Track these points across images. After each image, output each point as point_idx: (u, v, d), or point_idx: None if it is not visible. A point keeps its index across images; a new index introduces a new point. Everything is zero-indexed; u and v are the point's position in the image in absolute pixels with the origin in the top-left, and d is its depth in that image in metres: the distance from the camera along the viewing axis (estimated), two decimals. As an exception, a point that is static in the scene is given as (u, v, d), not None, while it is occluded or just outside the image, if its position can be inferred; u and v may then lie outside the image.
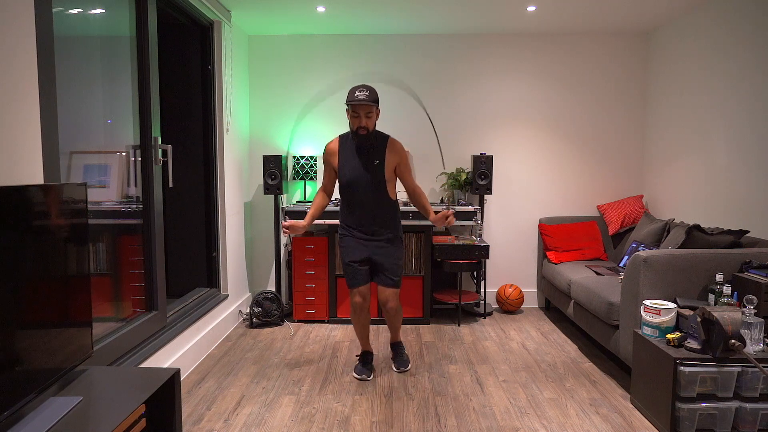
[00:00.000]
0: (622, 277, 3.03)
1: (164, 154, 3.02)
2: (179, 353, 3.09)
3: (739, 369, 2.37)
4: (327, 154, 3.09)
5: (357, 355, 3.44)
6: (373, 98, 2.89)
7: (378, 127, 3.17)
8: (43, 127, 1.91)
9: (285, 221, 3.00)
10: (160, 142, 2.94)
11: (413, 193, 3.08)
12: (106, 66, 2.55)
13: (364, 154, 3.00)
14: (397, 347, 3.34)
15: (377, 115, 2.98)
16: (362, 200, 3.02)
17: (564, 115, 4.61)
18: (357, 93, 2.88)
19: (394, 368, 3.26)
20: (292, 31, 4.48)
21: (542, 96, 4.60)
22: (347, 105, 2.91)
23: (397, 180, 3.43)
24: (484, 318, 4.40)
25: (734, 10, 3.39)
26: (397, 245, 3.10)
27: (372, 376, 3.16)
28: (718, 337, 2.34)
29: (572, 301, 3.73)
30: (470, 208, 4.23)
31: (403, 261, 3.12)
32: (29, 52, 1.84)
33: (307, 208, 4.17)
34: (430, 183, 4.67)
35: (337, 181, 3.12)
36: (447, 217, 2.87)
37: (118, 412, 1.62)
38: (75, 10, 2.31)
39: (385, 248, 3.07)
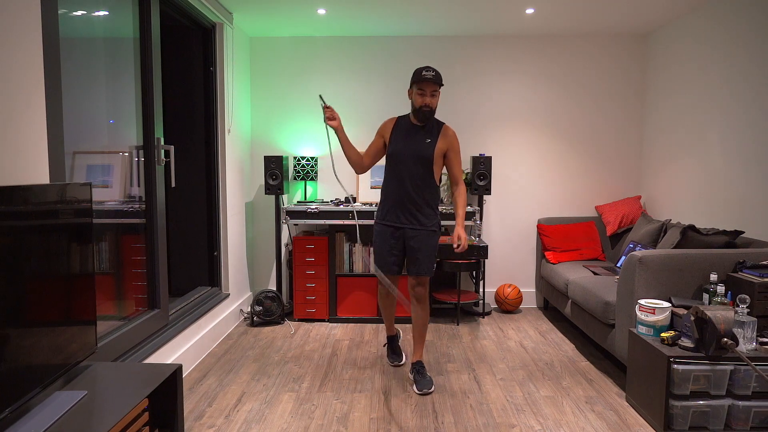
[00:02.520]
0: (618, 277, 3.07)
1: (167, 154, 3.06)
2: (181, 351, 3.14)
3: (732, 367, 2.41)
4: (383, 126, 3.15)
5: (384, 345, 3.55)
6: (439, 80, 2.95)
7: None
8: (49, 127, 1.95)
9: (328, 107, 3.05)
10: (162, 142, 2.98)
11: (456, 186, 3.11)
12: (109, 67, 2.60)
13: (419, 132, 3.06)
14: (419, 367, 3.09)
15: (438, 97, 3.04)
16: (405, 174, 3.03)
17: (562, 116, 4.65)
18: (424, 73, 2.94)
19: (416, 390, 2.98)
20: (293, 33, 4.52)
21: (541, 97, 4.64)
22: (413, 85, 2.97)
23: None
24: (483, 317, 4.44)
25: (732, 12, 3.43)
26: (433, 231, 3.08)
27: (403, 360, 3.37)
28: (711, 336, 2.38)
29: (570, 300, 3.77)
30: (469, 209, 4.26)
31: (436, 250, 3.11)
32: (36, 54, 1.88)
33: (308, 207, 4.21)
34: (430, 183, 4.70)
35: (384, 155, 3.17)
36: (459, 245, 2.94)
37: (122, 406, 1.66)
38: (79, 12, 2.35)
39: (420, 234, 3.05)
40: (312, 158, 4.53)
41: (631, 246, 3.76)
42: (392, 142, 3.08)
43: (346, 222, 4.19)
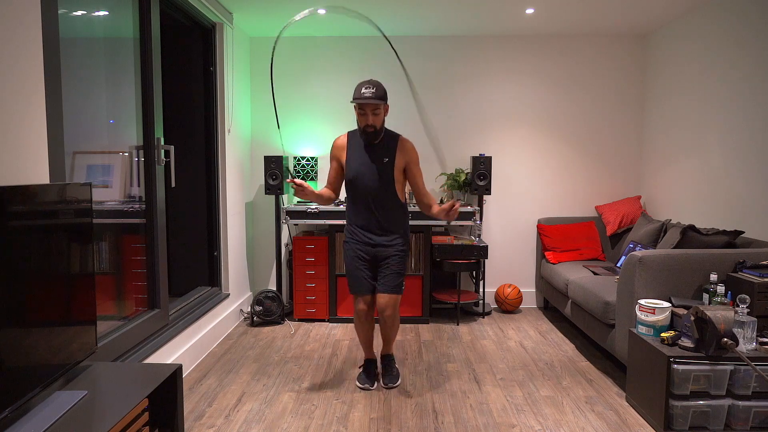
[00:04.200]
0: (618, 277, 3.07)
1: (167, 154, 3.06)
2: (181, 351, 3.14)
3: (732, 367, 2.41)
4: (335, 148, 2.97)
5: (360, 366, 3.24)
6: (380, 95, 2.76)
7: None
8: (49, 127, 1.95)
9: (293, 179, 2.81)
10: (162, 142, 2.98)
11: (420, 197, 2.94)
12: (109, 67, 2.60)
13: (373, 151, 2.88)
14: (388, 360, 3.15)
15: (386, 111, 2.84)
16: (368, 199, 2.89)
17: (562, 116, 4.65)
18: (363, 90, 2.74)
19: (383, 384, 3.04)
20: (293, 33, 4.52)
21: (541, 97, 4.64)
22: (353, 102, 2.78)
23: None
24: (483, 317, 4.44)
25: (731, 12, 3.43)
26: (402, 250, 2.95)
27: (375, 386, 3.04)
28: (711, 336, 2.38)
29: (570, 300, 3.77)
30: (469, 209, 4.26)
31: (407, 267, 2.91)
32: (36, 54, 1.88)
33: (308, 207, 4.21)
34: (430, 183, 4.71)
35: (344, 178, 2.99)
36: (452, 207, 2.69)
37: (122, 406, 1.66)
38: (79, 12, 2.35)
39: (388, 252, 2.92)
40: (312, 158, 4.53)
41: (631, 246, 3.76)
42: (349, 166, 2.90)
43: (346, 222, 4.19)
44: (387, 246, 2.93)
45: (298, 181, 2.70)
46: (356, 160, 2.89)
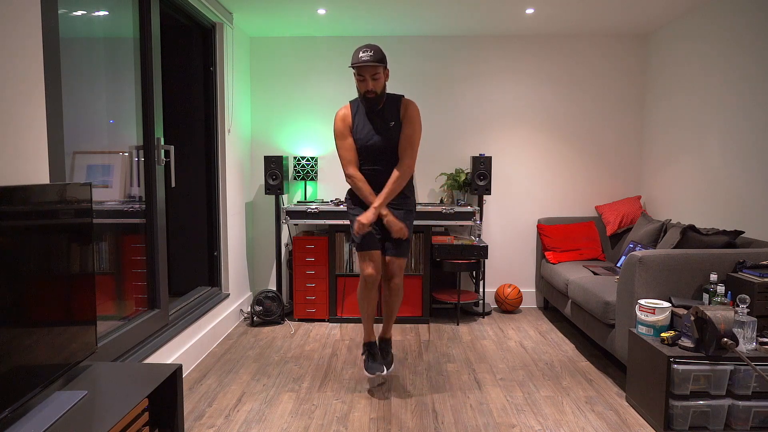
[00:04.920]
0: (618, 277, 3.07)
1: (167, 154, 3.06)
2: (181, 351, 3.14)
3: (732, 367, 2.41)
4: (339, 121, 2.83)
5: (363, 353, 3.01)
6: (379, 57, 2.63)
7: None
8: (49, 127, 1.95)
9: (359, 224, 2.71)
10: (162, 142, 2.98)
11: (399, 162, 2.80)
12: (109, 67, 2.60)
13: (378, 117, 2.79)
14: (385, 344, 3.09)
15: (386, 76, 2.73)
16: (376, 164, 2.81)
17: (563, 116, 4.65)
18: (361, 54, 2.62)
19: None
20: (293, 33, 4.52)
21: (541, 97, 4.64)
22: (352, 68, 2.66)
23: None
24: (483, 317, 4.44)
25: (732, 12, 3.43)
26: (409, 214, 2.92)
27: (384, 370, 2.92)
28: (711, 336, 2.38)
29: (570, 300, 3.77)
30: (469, 209, 4.26)
31: (411, 243, 2.90)
32: (36, 54, 1.88)
33: (308, 207, 4.21)
34: (430, 183, 4.71)
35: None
36: (398, 228, 2.75)
37: (122, 406, 1.66)
38: (79, 12, 2.35)
39: (400, 214, 2.88)
40: (312, 158, 4.53)
41: (631, 246, 3.76)
42: (356, 134, 2.82)
43: (347, 222, 4.19)
44: (397, 209, 2.88)
45: (363, 221, 2.70)
46: (362, 129, 2.81)
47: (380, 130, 2.79)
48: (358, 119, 2.83)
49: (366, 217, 2.75)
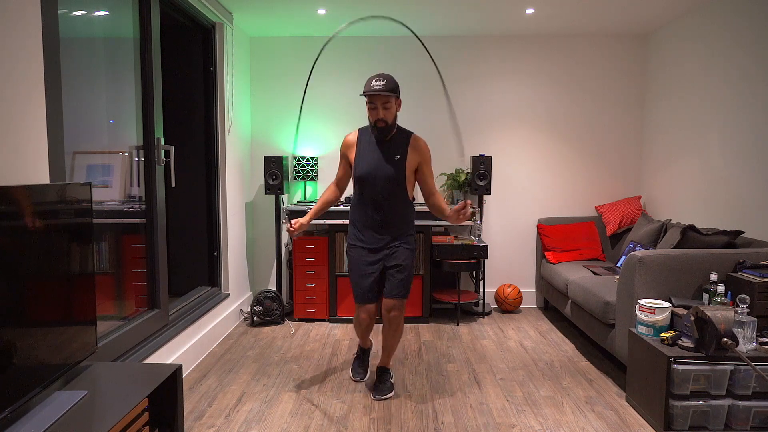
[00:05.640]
0: (618, 277, 3.07)
1: (167, 154, 3.06)
2: (181, 351, 3.14)
3: (732, 367, 2.41)
4: (345, 146, 2.86)
5: (354, 354, 3.24)
6: (391, 87, 2.63)
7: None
8: (49, 127, 1.95)
9: (289, 224, 2.74)
10: (162, 142, 2.98)
11: (431, 197, 2.81)
12: (109, 67, 2.60)
13: (385, 148, 2.76)
14: (382, 372, 2.99)
15: (398, 106, 2.72)
16: (377, 197, 2.77)
17: (563, 116, 4.65)
18: (373, 83, 2.62)
19: (372, 395, 2.90)
20: (293, 33, 4.52)
21: (541, 97, 4.64)
22: (363, 96, 2.66)
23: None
24: (483, 317, 4.44)
25: (732, 12, 3.43)
26: (410, 253, 2.84)
27: (366, 377, 3.05)
28: (711, 336, 2.38)
29: (570, 300, 3.77)
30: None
31: (413, 269, 2.86)
32: (36, 54, 1.88)
33: (308, 208, 4.21)
34: (430, 183, 4.71)
35: (351, 177, 2.89)
36: (464, 207, 2.53)
37: (122, 406, 1.66)
38: (79, 12, 2.35)
39: (398, 256, 2.80)
40: (312, 158, 4.53)
41: (631, 246, 3.76)
42: (358, 163, 2.79)
43: (346, 222, 4.19)
44: (396, 248, 2.81)
45: (294, 226, 2.72)
46: (366, 158, 2.77)
47: (385, 161, 2.76)
48: (363, 147, 2.81)
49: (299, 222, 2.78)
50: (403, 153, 2.76)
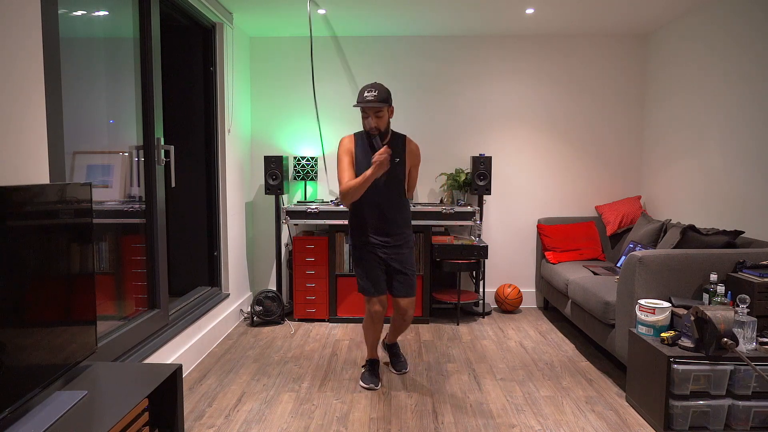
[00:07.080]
0: (618, 277, 3.07)
1: (167, 154, 3.06)
2: (181, 351, 3.14)
3: (732, 367, 2.41)
4: (343, 148, 2.93)
5: (363, 365, 3.30)
6: (383, 98, 2.79)
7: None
8: (49, 127, 1.95)
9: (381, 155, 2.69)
10: (162, 142, 2.98)
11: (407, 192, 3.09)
12: (109, 67, 2.60)
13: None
14: (395, 348, 3.32)
15: (390, 113, 2.88)
16: (379, 199, 2.91)
17: (563, 116, 4.65)
18: (366, 93, 2.79)
19: (395, 371, 3.23)
20: (293, 33, 4.52)
21: (541, 97, 4.64)
22: (356, 106, 2.80)
23: None
24: (483, 317, 4.44)
25: (732, 13, 3.43)
26: (411, 249, 3.03)
27: (380, 386, 3.06)
28: (711, 336, 2.38)
29: (570, 300, 3.77)
30: (469, 209, 4.26)
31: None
32: (36, 54, 1.88)
33: (308, 207, 4.21)
34: (430, 183, 4.71)
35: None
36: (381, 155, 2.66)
37: (122, 406, 1.66)
38: (79, 12, 2.35)
39: (401, 254, 2.97)
40: (312, 158, 4.53)
41: (631, 246, 3.76)
42: (358, 168, 2.89)
43: (346, 222, 4.19)
44: (400, 245, 2.98)
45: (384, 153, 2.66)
46: (366, 163, 2.88)
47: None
48: (361, 153, 2.92)
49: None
50: (402, 156, 2.94)
